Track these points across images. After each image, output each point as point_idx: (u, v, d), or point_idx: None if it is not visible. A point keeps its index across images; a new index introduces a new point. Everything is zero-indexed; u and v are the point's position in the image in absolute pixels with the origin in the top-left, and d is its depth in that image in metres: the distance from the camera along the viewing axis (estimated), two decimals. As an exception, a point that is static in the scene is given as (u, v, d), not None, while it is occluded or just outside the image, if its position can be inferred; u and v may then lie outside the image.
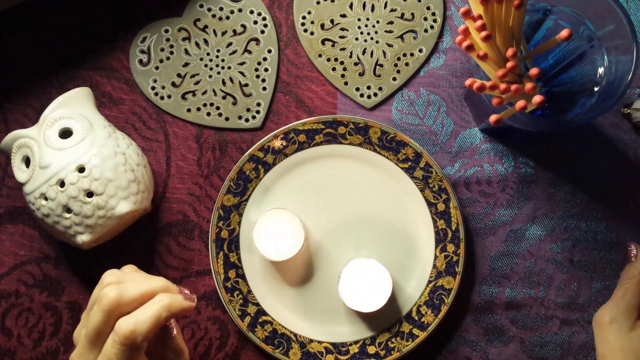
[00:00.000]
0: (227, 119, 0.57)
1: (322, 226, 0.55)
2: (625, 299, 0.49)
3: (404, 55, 0.56)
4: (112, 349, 0.39)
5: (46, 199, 0.48)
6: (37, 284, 0.56)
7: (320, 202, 0.55)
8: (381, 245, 0.55)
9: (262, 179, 0.55)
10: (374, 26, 0.57)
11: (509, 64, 0.42)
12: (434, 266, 0.54)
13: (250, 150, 0.54)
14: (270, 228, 0.52)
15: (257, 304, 0.54)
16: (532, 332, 0.55)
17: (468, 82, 0.42)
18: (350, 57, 0.57)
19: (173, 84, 0.57)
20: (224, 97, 0.57)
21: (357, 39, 0.57)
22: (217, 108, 0.57)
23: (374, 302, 0.51)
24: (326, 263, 0.55)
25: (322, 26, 0.57)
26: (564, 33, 0.41)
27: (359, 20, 0.57)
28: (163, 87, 0.57)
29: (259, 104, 0.57)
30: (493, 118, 0.43)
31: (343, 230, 0.55)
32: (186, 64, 0.57)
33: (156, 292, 0.41)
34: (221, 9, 0.57)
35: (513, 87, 0.42)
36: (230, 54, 0.57)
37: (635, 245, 0.52)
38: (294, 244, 0.52)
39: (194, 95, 0.57)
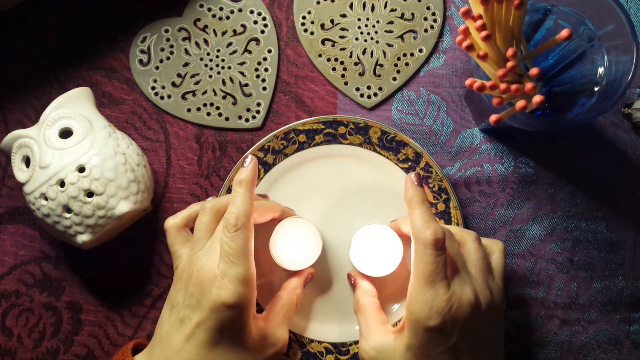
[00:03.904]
0: (227, 119, 0.57)
1: (322, 226, 0.55)
2: (368, 325, 0.48)
3: (404, 55, 0.56)
4: (228, 240, 0.45)
5: (46, 199, 0.48)
6: (38, 284, 0.56)
7: (320, 202, 0.55)
8: (381, 245, 0.55)
9: (262, 179, 0.55)
10: (374, 26, 0.57)
11: (509, 64, 0.42)
12: (434, 266, 0.54)
13: (250, 150, 0.54)
14: (288, 237, 0.52)
15: (257, 304, 0.54)
16: (532, 332, 0.55)
17: (468, 82, 0.42)
18: (350, 57, 0.57)
19: (173, 84, 0.57)
20: (224, 97, 0.57)
21: (357, 39, 0.57)
22: (217, 108, 0.57)
23: (385, 267, 0.51)
24: (326, 263, 0.55)
25: (322, 26, 0.57)
26: (564, 33, 0.41)
27: (359, 20, 0.57)
28: (163, 87, 0.57)
29: (259, 104, 0.57)
30: (493, 118, 0.43)
31: (343, 231, 0.55)
32: (186, 64, 0.57)
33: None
34: (221, 9, 0.57)
35: (513, 87, 0.42)
36: (230, 54, 0.57)
37: (351, 272, 0.53)
38: (310, 254, 0.52)
39: (194, 95, 0.57)
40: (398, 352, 0.44)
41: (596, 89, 0.48)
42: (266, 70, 0.57)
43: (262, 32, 0.57)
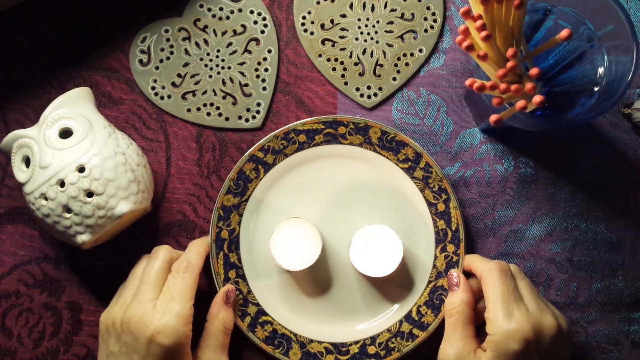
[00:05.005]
0: (227, 119, 0.57)
1: (322, 226, 0.55)
2: (456, 333, 0.48)
3: (404, 55, 0.56)
4: (175, 279, 0.48)
5: (46, 199, 0.48)
6: (38, 284, 0.56)
7: (320, 203, 0.55)
8: (381, 245, 0.55)
9: (262, 179, 0.55)
10: (374, 26, 0.57)
11: (509, 64, 0.42)
12: (434, 266, 0.54)
13: (250, 150, 0.54)
14: (288, 237, 0.52)
15: (257, 304, 0.54)
16: (532, 332, 0.55)
17: (468, 82, 0.42)
18: (350, 57, 0.57)
19: (173, 84, 0.57)
20: (224, 97, 0.57)
21: (357, 39, 0.57)
22: (217, 108, 0.57)
23: (385, 267, 0.52)
24: (326, 263, 0.55)
25: (322, 26, 0.57)
26: (564, 33, 0.41)
27: (359, 20, 0.57)
28: (163, 87, 0.57)
29: (259, 104, 0.57)
30: (493, 118, 0.43)
31: (343, 231, 0.55)
32: (186, 64, 0.57)
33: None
34: (221, 9, 0.57)
35: (513, 87, 0.42)
36: (230, 54, 0.57)
37: (457, 272, 0.51)
38: (310, 254, 0.52)
39: (194, 95, 0.57)
40: None
41: (596, 89, 0.48)
42: (266, 70, 0.57)
43: (262, 32, 0.57)
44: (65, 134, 0.50)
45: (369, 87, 0.57)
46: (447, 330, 0.49)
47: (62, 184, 0.48)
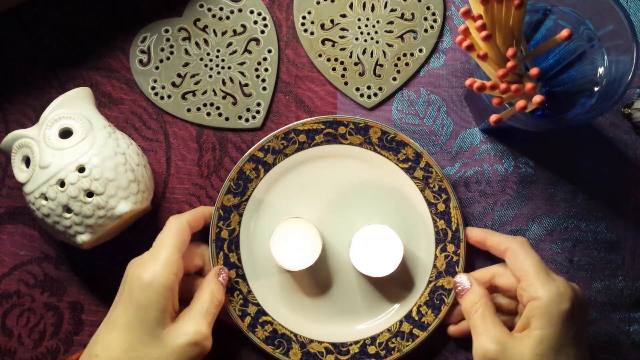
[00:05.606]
0: (227, 119, 0.57)
1: (322, 226, 0.55)
2: (487, 323, 0.46)
3: (404, 55, 0.56)
4: (163, 232, 0.50)
5: (46, 199, 0.48)
6: (39, 284, 0.56)
7: (320, 203, 0.55)
8: (381, 245, 0.55)
9: (262, 179, 0.55)
10: (374, 26, 0.57)
11: (509, 64, 0.42)
12: (434, 266, 0.54)
13: (250, 150, 0.54)
14: (288, 237, 0.52)
15: (257, 304, 0.54)
16: (532, 332, 0.55)
17: (468, 82, 0.42)
18: (350, 57, 0.57)
19: (173, 84, 0.57)
20: (224, 97, 0.57)
21: (357, 39, 0.57)
22: (217, 108, 0.57)
23: (385, 267, 0.52)
24: (326, 263, 0.55)
25: (322, 26, 0.57)
26: (564, 33, 0.41)
27: (359, 20, 0.57)
28: (163, 87, 0.57)
29: (259, 104, 0.57)
30: (493, 118, 0.43)
31: (343, 231, 0.55)
32: (186, 64, 0.57)
33: None
34: (221, 9, 0.57)
35: (513, 87, 0.42)
36: (230, 54, 0.57)
37: (464, 275, 0.51)
38: (310, 254, 0.52)
39: (194, 95, 0.57)
40: (528, 348, 0.44)
41: (596, 89, 0.48)
42: (266, 70, 0.57)
43: (262, 32, 0.57)
44: (65, 134, 0.50)
45: (369, 87, 0.57)
46: (476, 325, 0.47)
47: (62, 184, 0.48)
